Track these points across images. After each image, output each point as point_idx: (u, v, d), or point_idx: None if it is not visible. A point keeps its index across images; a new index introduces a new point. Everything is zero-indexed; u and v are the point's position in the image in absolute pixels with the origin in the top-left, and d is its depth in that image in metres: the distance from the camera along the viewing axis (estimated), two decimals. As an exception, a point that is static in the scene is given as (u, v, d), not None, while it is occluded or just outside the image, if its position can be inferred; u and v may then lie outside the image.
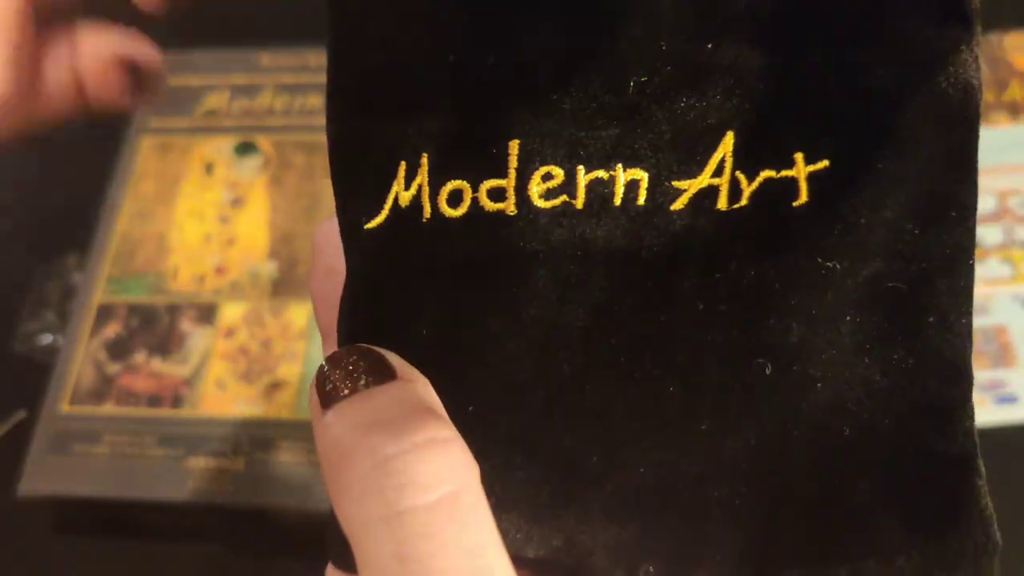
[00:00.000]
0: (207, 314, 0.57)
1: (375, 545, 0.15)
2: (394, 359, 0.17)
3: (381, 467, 0.16)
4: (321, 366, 0.17)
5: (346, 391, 0.17)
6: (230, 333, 0.57)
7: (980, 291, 0.56)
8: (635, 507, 0.18)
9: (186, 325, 0.57)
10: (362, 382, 0.17)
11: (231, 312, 0.57)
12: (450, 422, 0.17)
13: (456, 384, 0.18)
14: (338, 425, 0.17)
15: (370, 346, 0.18)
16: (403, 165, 0.17)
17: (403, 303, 0.18)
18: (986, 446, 0.52)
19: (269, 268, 0.59)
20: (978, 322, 0.55)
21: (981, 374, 0.54)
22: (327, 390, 0.17)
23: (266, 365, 0.55)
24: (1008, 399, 0.53)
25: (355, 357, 0.17)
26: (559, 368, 0.17)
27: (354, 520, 0.16)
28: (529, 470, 0.17)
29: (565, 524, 0.18)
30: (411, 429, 0.16)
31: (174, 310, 0.58)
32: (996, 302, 0.56)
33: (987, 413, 0.53)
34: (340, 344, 0.19)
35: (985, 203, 0.60)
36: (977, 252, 0.57)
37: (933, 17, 0.17)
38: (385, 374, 0.17)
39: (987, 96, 0.64)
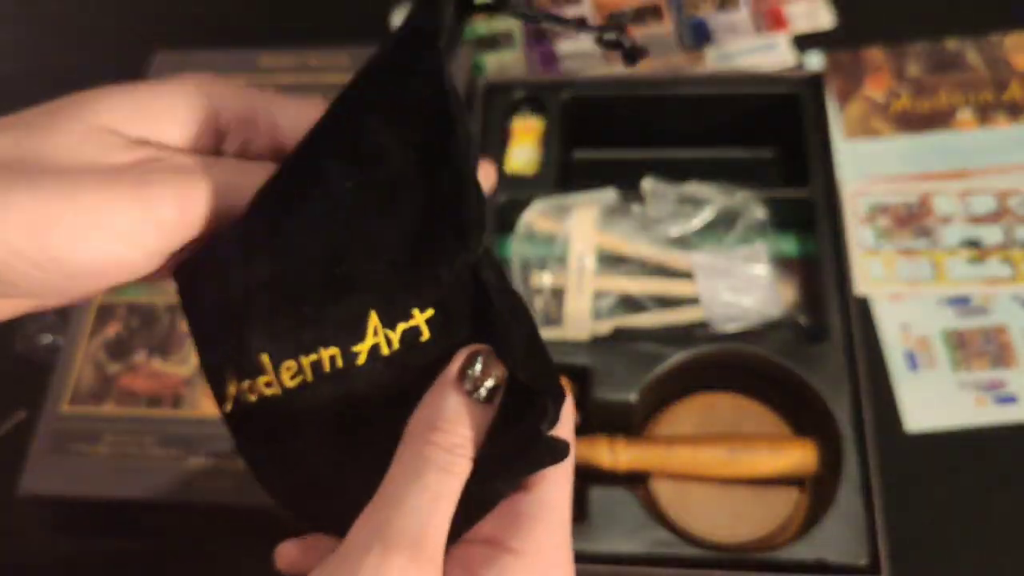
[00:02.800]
0: (207, 314, 0.57)
1: None
2: None
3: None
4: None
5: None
6: (230, 333, 0.57)
7: (980, 291, 0.56)
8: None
9: (186, 325, 0.57)
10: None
11: (231, 312, 0.57)
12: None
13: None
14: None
15: None
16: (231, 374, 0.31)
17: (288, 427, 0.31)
18: (986, 446, 0.52)
19: (269, 268, 0.59)
20: (978, 322, 0.56)
21: (981, 374, 0.54)
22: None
23: (266, 365, 0.55)
24: (1008, 399, 0.53)
25: None
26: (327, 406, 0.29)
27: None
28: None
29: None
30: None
31: (174, 310, 0.58)
32: (996, 302, 0.56)
33: (987, 413, 0.53)
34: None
35: (985, 203, 0.60)
36: (977, 252, 0.57)
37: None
38: None
39: (987, 96, 0.64)
